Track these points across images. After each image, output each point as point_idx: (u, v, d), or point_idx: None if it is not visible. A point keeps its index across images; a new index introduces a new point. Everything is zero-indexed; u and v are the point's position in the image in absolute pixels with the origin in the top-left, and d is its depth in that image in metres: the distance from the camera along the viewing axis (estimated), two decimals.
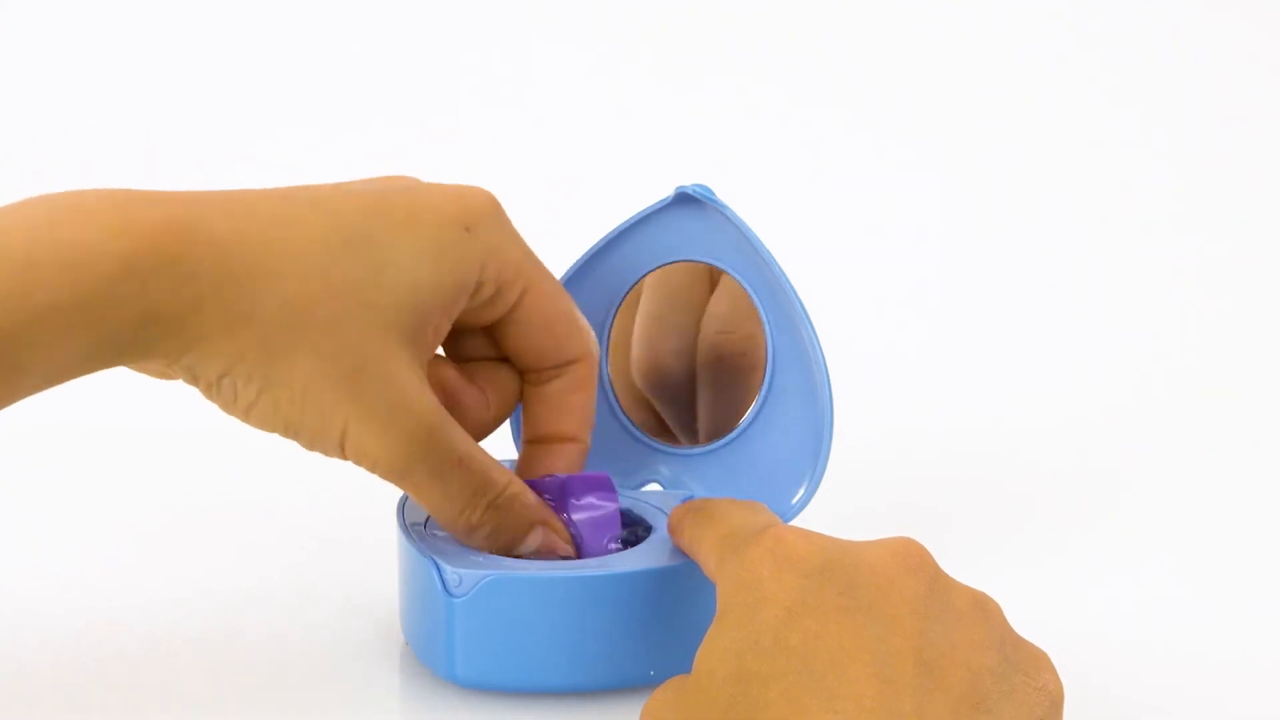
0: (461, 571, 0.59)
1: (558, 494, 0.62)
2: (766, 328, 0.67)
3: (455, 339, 0.62)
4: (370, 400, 0.55)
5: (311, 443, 0.56)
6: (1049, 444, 0.91)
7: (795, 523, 0.66)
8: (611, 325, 0.70)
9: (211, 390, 0.55)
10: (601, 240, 0.69)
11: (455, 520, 0.59)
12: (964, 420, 0.95)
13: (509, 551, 0.61)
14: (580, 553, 0.62)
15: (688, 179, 0.68)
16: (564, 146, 1.16)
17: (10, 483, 0.84)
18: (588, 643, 0.59)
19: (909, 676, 0.49)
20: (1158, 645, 0.67)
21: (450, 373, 0.61)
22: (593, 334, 0.63)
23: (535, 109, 1.17)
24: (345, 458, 0.57)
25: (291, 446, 0.57)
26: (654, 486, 0.70)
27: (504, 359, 0.62)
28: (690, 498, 0.67)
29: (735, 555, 0.53)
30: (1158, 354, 1.04)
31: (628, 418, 0.70)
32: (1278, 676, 0.65)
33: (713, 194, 0.67)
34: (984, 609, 0.52)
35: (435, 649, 0.60)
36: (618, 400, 0.71)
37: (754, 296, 0.68)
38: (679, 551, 0.61)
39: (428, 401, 0.56)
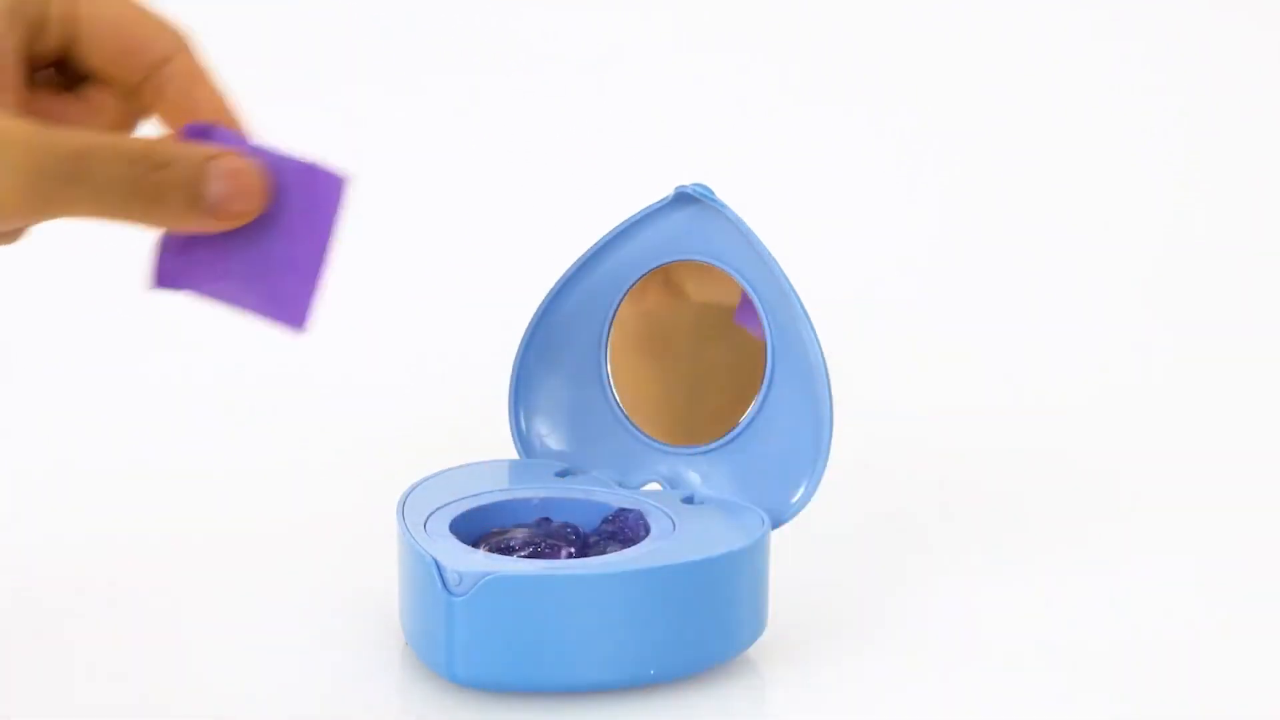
0: (461, 570, 0.59)
1: (204, 135, 0.55)
2: (766, 327, 0.67)
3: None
4: None
5: None
6: (1049, 442, 0.91)
7: (796, 522, 0.67)
8: (611, 324, 0.70)
9: None
10: (601, 240, 0.69)
11: (135, 204, 0.53)
12: (964, 418, 0.95)
13: (209, 211, 0.54)
14: (272, 179, 0.55)
15: (688, 179, 0.68)
16: (564, 146, 1.16)
17: (9, 481, 0.84)
18: (587, 642, 0.59)
19: None
20: (1153, 643, 0.67)
21: (46, 99, 0.56)
22: (176, 26, 0.57)
23: (535, 109, 1.18)
24: None
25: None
26: (654, 486, 0.70)
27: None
28: (691, 498, 0.67)
29: None
30: (1156, 355, 1.04)
31: (628, 418, 0.71)
32: (1273, 674, 0.65)
33: (713, 194, 0.67)
34: None
35: (435, 649, 0.60)
36: (618, 400, 0.71)
37: (754, 296, 0.68)
38: (679, 551, 0.61)
39: (9, 128, 0.52)
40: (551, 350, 0.71)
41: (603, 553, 0.63)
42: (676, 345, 0.72)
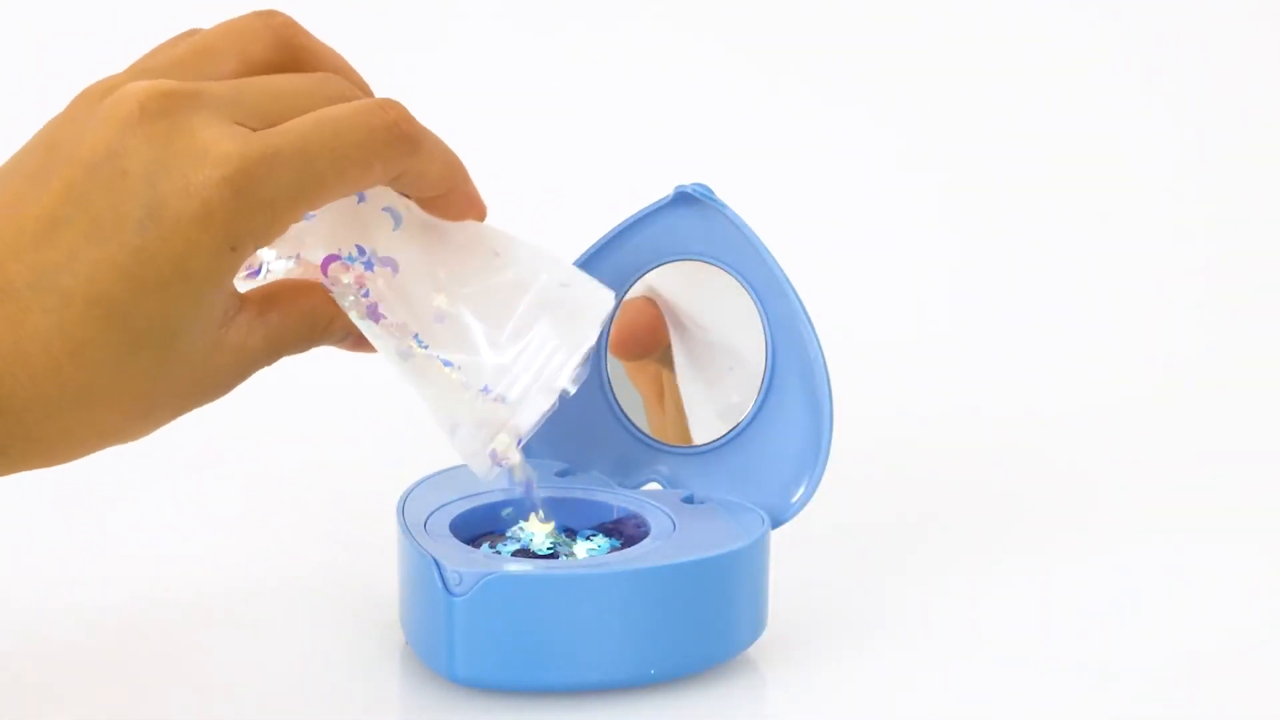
0: (462, 570, 0.59)
1: None
2: (766, 327, 0.68)
3: None
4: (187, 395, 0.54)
5: None
6: (1049, 442, 0.91)
7: (796, 522, 0.67)
8: (611, 323, 0.70)
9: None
10: (601, 240, 0.69)
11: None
12: (965, 418, 0.95)
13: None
14: None
15: (688, 179, 0.68)
16: (564, 146, 1.16)
17: (10, 481, 0.84)
18: (587, 642, 0.59)
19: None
20: (1153, 642, 0.67)
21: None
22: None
23: (535, 109, 1.17)
24: None
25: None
26: (654, 486, 0.70)
27: None
28: (691, 498, 0.67)
29: None
30: (1156, 354, 1.04)
31: (628, 418, 0.70)
32: (1268, 671, 0.65)
33: (713, 194, 0.67)
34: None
35: (435, 649, 0.60)
36: (617, 400, 0.71)
37: (754, 296, 0.68)
38: (679, 551, 0.61)
39: (223, 361, 0.54)
40: None
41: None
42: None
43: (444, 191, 0.57)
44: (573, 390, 0.59)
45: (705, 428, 0.70)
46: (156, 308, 0.51)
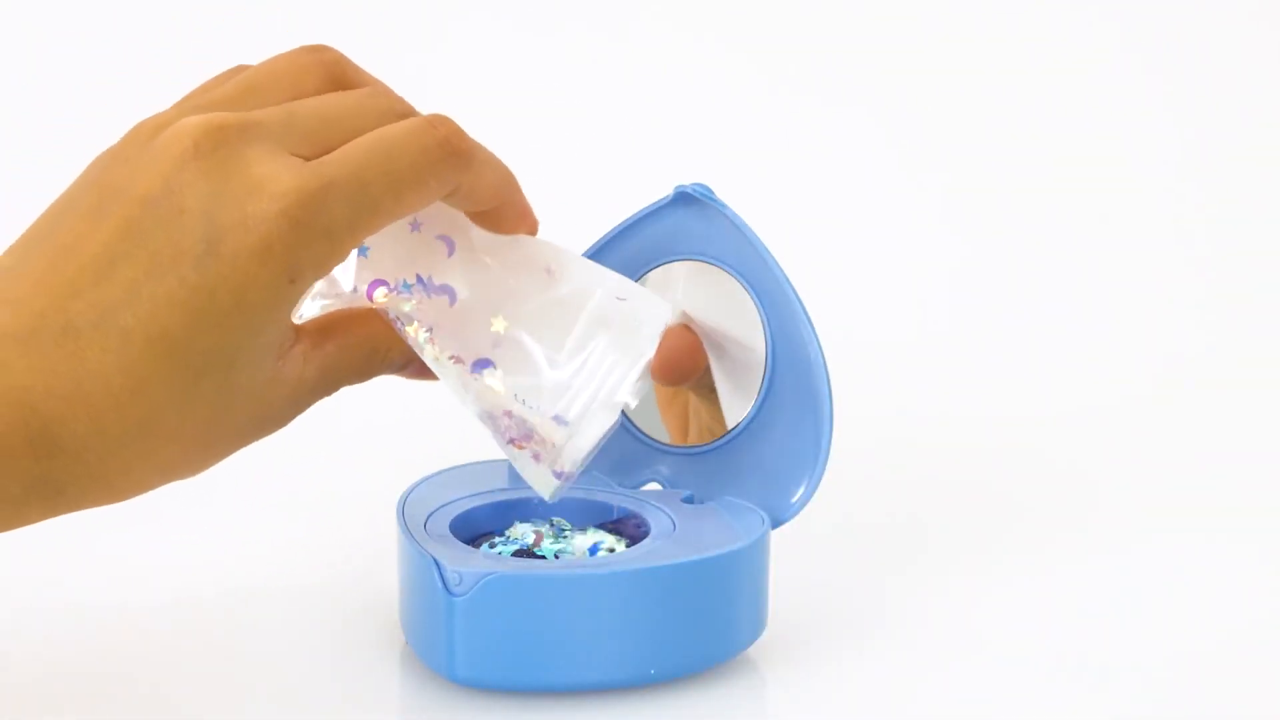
0: (462, 570, 0.59)
1: None
2: (766, 327, 0.68)
3: None
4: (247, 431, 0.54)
5: None
6: (1049, 442, 0.91)
7: (796, 522, 0.67)
8: None
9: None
10: (602, 239, 0.69)
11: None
12: (965, 418, 0.95)
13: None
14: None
15: (688, 179, 0.68)
16: (564, 146, 1.16)
17: None
18: (587, 642, 0.59)
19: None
20: (1152, 642, 0.67)
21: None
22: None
23: (535, 108, 1.17)
24: None
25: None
26: (654, 486, 0.70)
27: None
28: (691, 497, 0.67)
29: None
30: (1156, 355, 1.04)
31: (627, 418, 0.70)
32: (1268, 671, 0.65)
33: (713, 194, 0.67)
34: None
35: (435, 649, 0.60)
36: None
37: (753, 296, 0.68)
38: (679, 551, 0.61)
39: (279, 395, 0.54)
40: None
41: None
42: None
43: (496, 205, 0.57)
44: (634, 404, 0.59)
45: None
46: (215, 342, 0.51)
